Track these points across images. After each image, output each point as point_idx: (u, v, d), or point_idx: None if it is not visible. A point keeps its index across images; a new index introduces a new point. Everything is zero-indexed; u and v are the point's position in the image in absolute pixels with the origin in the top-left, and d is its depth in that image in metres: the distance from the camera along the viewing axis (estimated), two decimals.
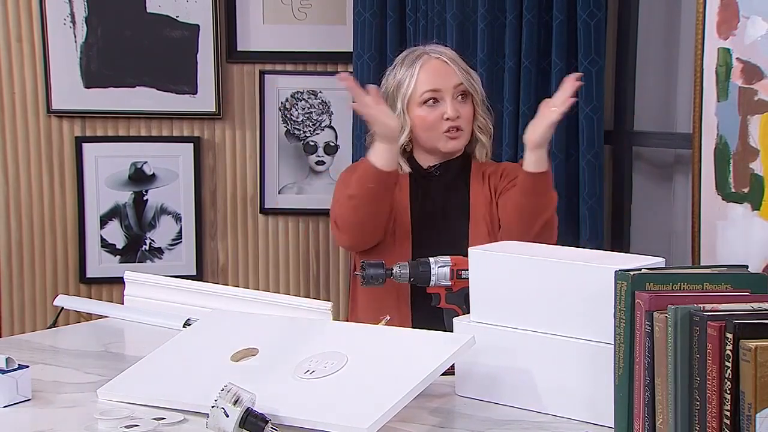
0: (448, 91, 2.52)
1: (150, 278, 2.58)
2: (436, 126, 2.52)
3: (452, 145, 2.54)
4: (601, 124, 3.09)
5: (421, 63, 2.54)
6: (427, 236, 2.52)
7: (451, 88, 2.52)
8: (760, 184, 2.63)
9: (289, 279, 3.87)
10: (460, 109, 2.52)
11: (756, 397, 1.40)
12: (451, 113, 2.50)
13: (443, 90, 2.52)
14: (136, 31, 3.72)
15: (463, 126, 2.53)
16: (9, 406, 1.83)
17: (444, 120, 2.51)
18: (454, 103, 2.52)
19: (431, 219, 2.55)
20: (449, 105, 2.51)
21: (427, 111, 2.52)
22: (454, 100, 2.52)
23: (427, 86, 2.52)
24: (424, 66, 2.54)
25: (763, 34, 2.60)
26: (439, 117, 2.51)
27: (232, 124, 3.82)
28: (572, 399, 1.77)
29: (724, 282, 1.60)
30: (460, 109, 2.52)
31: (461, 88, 2.53)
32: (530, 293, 1.82)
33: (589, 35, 3.05)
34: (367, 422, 1.64)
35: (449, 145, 2.54)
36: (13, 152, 3.72)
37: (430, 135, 2.54)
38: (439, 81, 2.52)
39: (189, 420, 1.77)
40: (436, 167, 2.58)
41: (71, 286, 3.78)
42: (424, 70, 2.53)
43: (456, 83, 2.52)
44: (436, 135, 2.53)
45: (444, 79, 2.52)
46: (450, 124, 2.51)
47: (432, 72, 2.53)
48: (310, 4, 3.77)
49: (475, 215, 2.54)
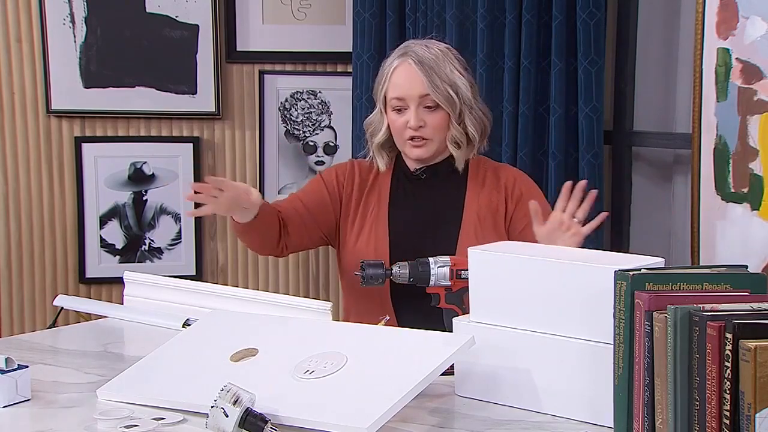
0: (412, 100, 2.45)
1: (149, 278, 2.58)
2: (402, 132, 2.48)
3: (416, 153, 2.49)
4: (600, 124, 3.09)
5: (395, 66, 2.49)
6: (407, 239, 2.49)
7: (417, 97, 2.45)
8: (759, 184, 2.63)
9: (288, 279, 3.87)
10: (426, 119, 2.46)
11: (755, 397, 1.40)
12: (412, 123, 2.45)
13: (407, 98, 2.46)
14: (136, 31, 3.72)
15: (429, 135, 2.47)
16: (8, 406, 1.83)
17: (407, 128, 2.47)
18: (418, 112, 2.45)
19: (414, 222, 2.52)
20: (412, 114, 2.45)
21: (395, 116, 2.49)
22: (419, 108, 2.45)
23: (393, 93, 2.48)
24: (396, 70, 2.49)
25: (763, 34, 2.60)
26: (404, 124, 2.47)
27: (232, 124, 3.82)
28: (572, 399, 1.77)
29: (724, 282, 1.60)
30: (426, 118, 2.46)
31: (428, 99, 2.45)
32: (530, 293, 1.82)
33: (589, 35, 3.05)
34: (367, 422, 1.64)
35: (413, 152, 2.49)
36: (13, 152, 3.72)
37: (398, 140, 2.52)
38: (405, 89, 2.46)
39: (188, 420, 1.77)
40: (422, 170, 2.55)
41: (71, 286, 3.78)
42: (395, 74, 2.48)
43: (421, 93, 2.45)
44: (401, 141, 2.50)
45: (410, 87, 2.46)
46: (411, 134, 2.47)
47: (401, 78, 2.47)
48: (309, 4, 3.77)
49: (467, 221, 2.49)
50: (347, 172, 2.60)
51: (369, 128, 2.59)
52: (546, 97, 3.19)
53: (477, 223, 2.49)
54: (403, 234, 2.51)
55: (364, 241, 2.52)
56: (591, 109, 3.07)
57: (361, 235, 2.53)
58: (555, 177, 3.12)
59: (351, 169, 2.61)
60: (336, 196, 2.58)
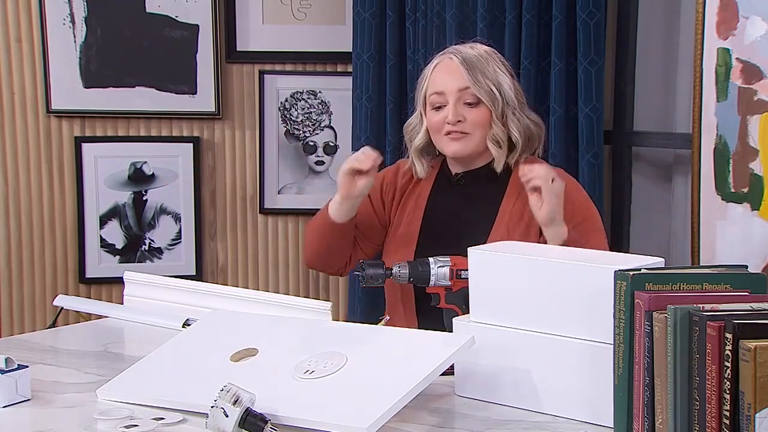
0: (452, 94, 2.41)
1: (149, 278, 2.58)
2: (440, 129, 2.43)
3: (454, 147, 2.43)
4: (600, 124, 3.09)
5: (436, 63, 2.46)
6: (434, 244, 2.41)
7: (456, 91, 2.40)
8: (759, 184, 2.63)
9: (288, 279, 3.87)
10: (466, 114, 2.40)
11: (755, 397, 1.40)
12: (450, 117, 2.40)
13: (447, 93, 2.41)
14: (136, 31, 3.72)
15: (468, 130, 2.41)
16: (8, 406, 1.83)
17: (446, 123, 2.42)
18: (456, 107, 2.40)
19: (446, 227, 2.46)
20: (451, 108, 2.40)
21: (433, 114, 2.44)
22: (458, 103, 2.40)
23: (432, 88, 2.44)
24: (437, 67, 2.45)
25: (763, 34, 2.60)
26: (442, 120, 2.42)
27: (232, 124, 3.82)
28: (572, 399, 1.77)
29: (724, 282, 1.60)
30: (465, 114, 2.40)
31: (468, 92, 2.40)
32: (530, 293, 1.82)
33: (589, 35, 3.05)
34: (367, 422, 1.63)
35: (451, 147, 2.43)
36: (13, 152, 3.72)
37: (436, 138, 2.46)
38: (445, 83, 2.42)
39: (188, 420, 1.77)
40: (461, 176, 2.49)
41: (71, 286, 3.79)
42: (436, 70, 2.45)
43: (461, 87, 2.40)
44: (439, 138, 2.44)
45: (449, 81, 2.41)
46: (449, 128, 2.41)
47: (441, 73, 2.43)
48: (309, 4, 3.77)
49: (497, 230, 2.41)
50: (389, 179, 2.55)
51: (407, 132, 2.53)
52: (546, 97, 3.19)
53: (505, 232, 2.39)
54: (431, 241, 2.45)
55: (393, 247, 2.48)
56: (591, 109, 3.07)
57: (393, 240, 2.50)
58: None
59: (394, 174, 2.56)
60: (380, 205, 2.54)
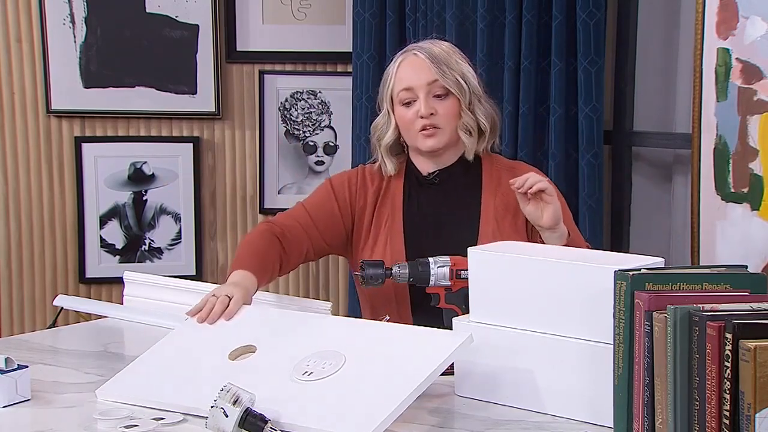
0: (421, 89, 2.41)
1: (149, 278, 2.58)
2: (413, 124, 2.43)
3: (429, 143, 2.42)
4: (600, 124, 3.09)
5: (400, 61, 2.46)
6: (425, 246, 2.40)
7: (425, 85, 2.41)
8: (759, 184, 2.63)
9: (288, 279, 3.87)
10: (437, 107, 2.41)
11: (755, 397, 1.40)
12: (423, 111, 2.40)
13: (416, 88, 2.41)
14: (136, 31, 3.72)
15: (441, 124, 2.42)
16: (8, 406, 1.83)
17: (418, 118, 2.41)
18: (428, 101, 2.40)
19: (431, 229, 2.45)
20: (422, 102, 2.40)
21: (404, 110, 2.43)
22: (428, 97, 2.41)
23: (400, 85, 2.43)
24: (401, 64, 2.45)
25: (763, 34, 2.60)
26: (414, 115, 2.42)
27: (232, 124, 3.82)
28: (571, 399, 1.77)
29: (724, 282, 1.60)
30: (436, 106, 2.41)
31: (437, 85, 2.41)
32: (530, 293, 1.81)
33: (589, 35, 3.05)
34: (369, 428, 1.63)
35: (426, 143, 2.42)
36: (13, 152, 3.72)
37: (409, 134, 2.45)
38: (413, 78, 2.42)
39: (188, 420, 1.77)
40: (435, 174, 2.49)
41: (71, 286, 3.79)
42: (401, 68, 2.45)
43: (429, 80, 2.40)
44: (413, 134, 2.44)
45: (418, 76, 2.41)
46: (423, 122, 2.41)
47: (408, 69, 2.43)
48: (309, 4, 3.77)
49: (485, 223, 2.42)
50: (359, 183, 2.53)
51: (375, 132, 2.53)
52: (546, 97, 3.19)
53: (495, 225, 2.42)
54: (420, 242, 2.44)
55: (380, 251, 2.46)
56: (591, 109, 3.07)
57: (376, 245, 2.47)
58: (555, 177, 3.11)
59: (362, 178, 2.54)
60: (347, 210, 2.51)
